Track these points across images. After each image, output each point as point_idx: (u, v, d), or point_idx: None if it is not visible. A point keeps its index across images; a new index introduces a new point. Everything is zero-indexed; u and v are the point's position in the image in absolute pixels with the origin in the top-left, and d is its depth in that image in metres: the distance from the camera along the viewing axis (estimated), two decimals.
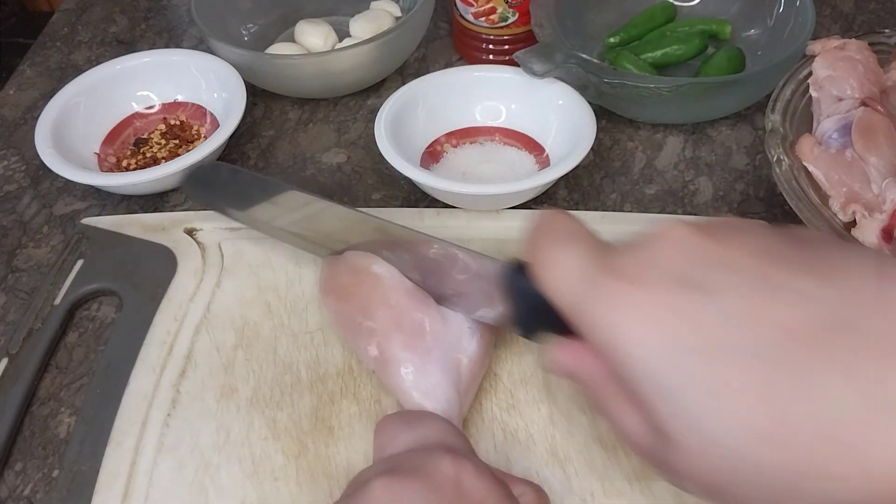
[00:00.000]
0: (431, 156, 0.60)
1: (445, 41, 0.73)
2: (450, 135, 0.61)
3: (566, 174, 0.59)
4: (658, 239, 0.29)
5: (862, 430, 0.24)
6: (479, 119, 0.62)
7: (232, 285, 0.51)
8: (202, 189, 0.53)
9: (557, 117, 0.59)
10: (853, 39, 0.55)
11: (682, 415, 0.27)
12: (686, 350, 0.26)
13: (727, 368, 0.26)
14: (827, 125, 0.51)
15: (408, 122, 0.58)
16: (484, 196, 0.54)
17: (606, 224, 0.54)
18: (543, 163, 0.59)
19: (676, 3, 0.70)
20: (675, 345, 0.27)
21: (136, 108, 0.65)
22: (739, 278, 0.27)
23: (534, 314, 0.34)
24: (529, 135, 0.61)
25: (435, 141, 0.60)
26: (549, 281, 0.32)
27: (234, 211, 0.50)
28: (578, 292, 0.30)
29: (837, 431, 0.24)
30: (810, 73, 0.53)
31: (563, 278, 0.31)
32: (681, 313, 0.27)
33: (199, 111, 0.65)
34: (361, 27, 0.68)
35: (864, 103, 0.51)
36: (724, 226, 0.29)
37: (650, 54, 0.65)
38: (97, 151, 0.62)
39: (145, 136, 0.64)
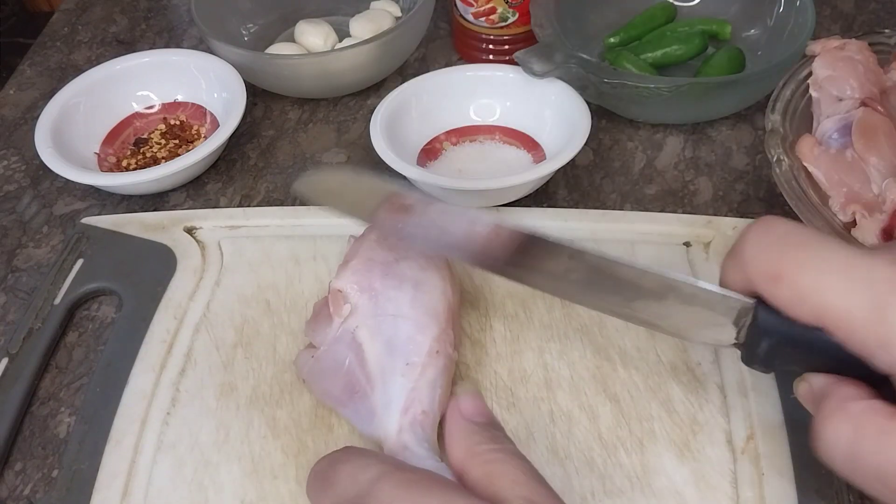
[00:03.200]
0: (429, 154, 0.60)
1: (445, 41, 0.73)
2: (450, 133, 0.61)
3: (567, 174, 0.59)
4: None
5: None
6: (474, 117, 0.62)
7: (232, 284, 0.51)
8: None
9: (552, 114, 0.59)
10: (853, 39, 0.55)
11: None
12: None
13: None
14: (827, 125, 0.51)
15: (403, 122, 0.59)
16: (473, 192, 0.53)
17: (606, 223, 0.54)
18: (541, 161, 0.59)
19: (676, 3, 0.70)
20: None
21: (136, 108, 0.65)
22: None
23: (780, 348, 0.31)
24: (526, 132, 0.61)
25: (434, 139, 0.61)
26: (816, 287, 0.28)
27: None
28: (866, 294, 0.27)
29: None
30: (810, 73, 0.53)
31: (837, 282, 0.27)
32: None
33: (199, 111, 0.65)
34: (361, 27, 0.69)
35: (864, 103, 0.51)
36: None
37: (650, 54, 0.65)
38: (97, 151, 0.62)
39: (145, 136, 0.64)
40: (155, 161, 0.62)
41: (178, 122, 0.65)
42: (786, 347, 0.31)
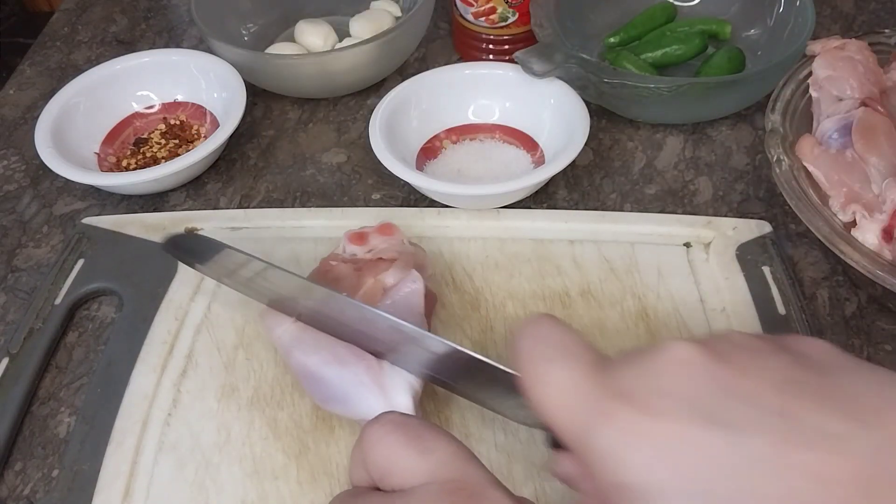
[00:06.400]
0: (428, 153, 0.60)
1: (445, 41, 0.73)
2: (450, 131, 0.61)
3: (566, 174, 0.59)
4: (662, 358, 0.26)
5: None
6: (473, 117, 0.62)
7: None
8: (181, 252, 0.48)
9: (551, 114, 0.59)
10: (853, 39, 0.55)
11: None
12: (710, 496, 0.24)
13: None
14: (827, 125, 0.51)
15: (403, 120, 0.59)
16: (473, 196, 0.54)
17: (607, 224, 0.54)
18: (539, 161, 0.59)
19: (676, 3, 0.70)
20: (698, 489, 0.24)
21: (136, 107, 0.65)
22: (763, 416, 0.24)
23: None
24: (525, 132, 0.61)
25: (434, 137, 0.61)
26: (543, 401, 0.29)
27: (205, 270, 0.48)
28: (577, 416, 0.27)
29: None
30: (810, 73, 0.53)
31: (559, 399, 0.28)
32: (702, 452, 0.24)
33: (199, 111, 0.65)
34: (361, 27, 0.69)
35: (864, 103, 0.51)
36: (732, 348, 0.27)
37: (650, 54, 0.65)
38: (97, 151, 0.62)
39: (145, 136, 0.64)
40: (155, 161, 0.62)
41: (178, 122, 0.65)
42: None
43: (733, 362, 0.26)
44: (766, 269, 0.51)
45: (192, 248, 0.47)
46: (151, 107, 0.65)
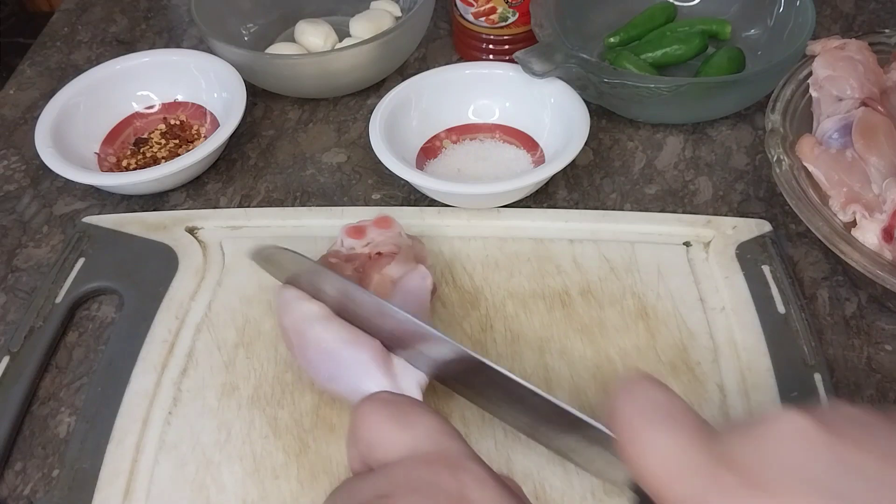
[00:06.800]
0: (428, 152, 0.60)
1: (445, 41, 0.73)
2: (451, 130, 0.61)
3: (567, 174, 0.59)
4: (773, 429, 0.26)
5: None
6: (473, 117, 0.62)
7: (233, 284, 0.51)
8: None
9: (551, 114, 0.59)
10: (853, 39, 0.55)
11: None
12: None
13: None
14: (827, 125, 0.51)
15: (403, 120, 0.59)
16: (473, 195, 0.54)
17: (607, 224, 0.54)
18: (539, 161, 0.59)
19: (676, 3, 0.70)
20: None
21: (136, 107, 0.65)
22: (882, 490, 0.24)
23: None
24: (525, 131, 0.61)
25: (434, 137, 0.61)
26: (645, 465, 0.28)
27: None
28: (687, 485, 0.26)
29: None
30: (810, 73, 0.53)
31: (664, 464, 0.27)
32: None
33: (199, 111, 0.65)
34: (361, 27, 0.69)
35: (864, 103, 0.51)
36: (843, 421, 0.26)
37: (650, 54, 0.65)
38: (97, 151, 0.62)
39: (145, 136, 0.64)
40: (155, 161, 0.62)
41: (178, 122, 0.65)
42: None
43: (847, 435, 0.26)
44: (766, 269, 0.51)
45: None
46: (151, 107, 0.65)
